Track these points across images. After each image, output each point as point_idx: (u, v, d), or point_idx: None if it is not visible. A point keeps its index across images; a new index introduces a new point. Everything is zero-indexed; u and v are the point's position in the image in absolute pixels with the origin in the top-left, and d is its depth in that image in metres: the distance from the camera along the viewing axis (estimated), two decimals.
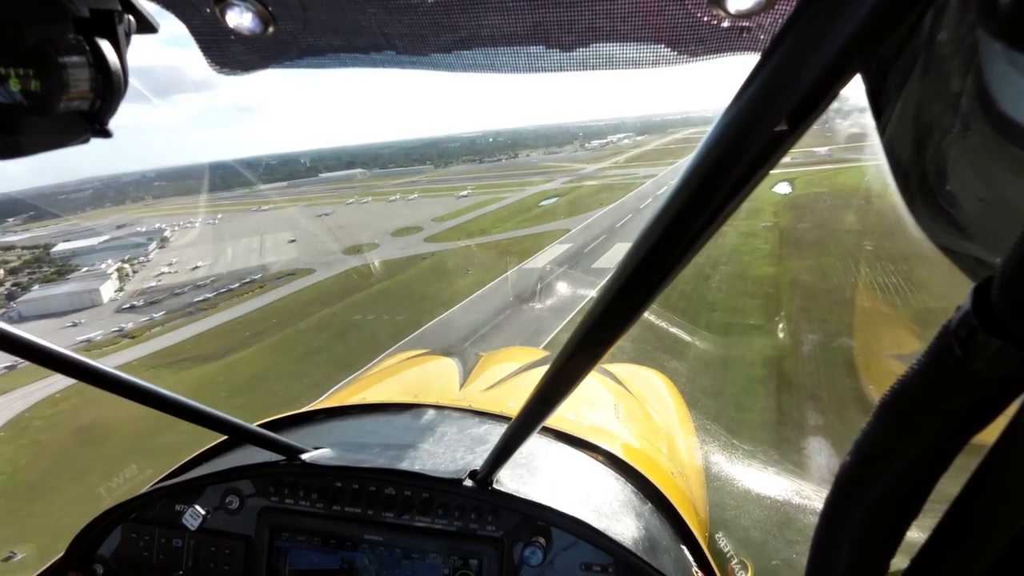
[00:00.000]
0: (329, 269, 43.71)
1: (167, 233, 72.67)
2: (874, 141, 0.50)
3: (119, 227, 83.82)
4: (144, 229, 78.29)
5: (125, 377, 1.04)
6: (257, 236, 62.78)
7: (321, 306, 34.28)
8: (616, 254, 32.22)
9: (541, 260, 35.63)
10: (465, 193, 78.24)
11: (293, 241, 57.70)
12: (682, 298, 22.94)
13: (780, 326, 21.10)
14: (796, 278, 25.74)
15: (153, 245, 65.16)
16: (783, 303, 23.11)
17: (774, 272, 27.00)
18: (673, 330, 17.16)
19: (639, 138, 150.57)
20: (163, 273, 52.67)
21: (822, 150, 61.13)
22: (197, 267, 52.60)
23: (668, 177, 65.65)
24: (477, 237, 48.08)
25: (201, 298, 42.32)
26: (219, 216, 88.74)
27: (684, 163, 0.42)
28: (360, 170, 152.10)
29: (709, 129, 0.38)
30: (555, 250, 37.57)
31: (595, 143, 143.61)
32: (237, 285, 43.61)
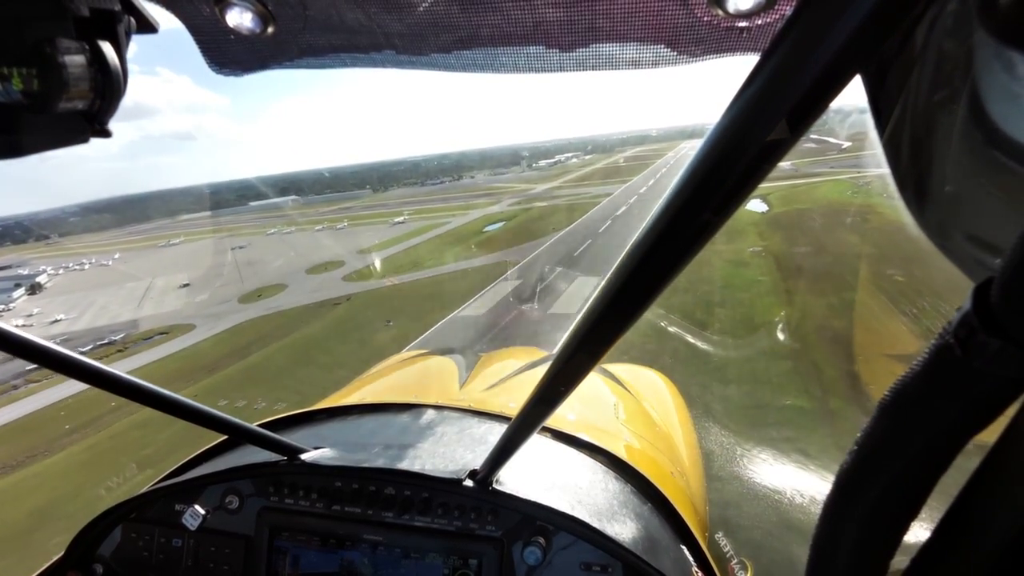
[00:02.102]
0: (214, 324, 34.93)
1: (43, 277, 65.82)
2: (874, 141, 0.51)
3: (1, 269, 76.51)
4: (26, 272, 71.94)
5: (126, 377, 1.07)
6: (148, 279, 52.56)
7: (184, 383, 24.87)
8: (577, 293, 26.47)
9: (482, 305, 28.66)
10: (400, 219, 74.71)
11: (186, 285, 48.34)
12: (676, 359, 16.54)
13: (834, 409, 13.23)
14: (824, 326, 18.18)
15: (20, 292, 58.80)
16: (821, 367, 15.29)
17: (789, 317, 19.43)
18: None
19: (587, 157, 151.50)
20: (15, 327, 41.37)
21: (786, 164, 55.50)
22: (57, 320, 45.57)
23: (624, 195, 59.32)
24: (407, 273, 39.99)
25: (34, 366, 31.57)
26: (117, 255, 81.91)
27: (685, 162, 0.44)
28: (292, 197, 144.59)
29: (709, 129, 0.40)
30: (500, 290, 30.92)
31: (543, 163, 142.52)
32: (90, 347, 33.43)
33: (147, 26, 0.73)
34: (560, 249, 38.97)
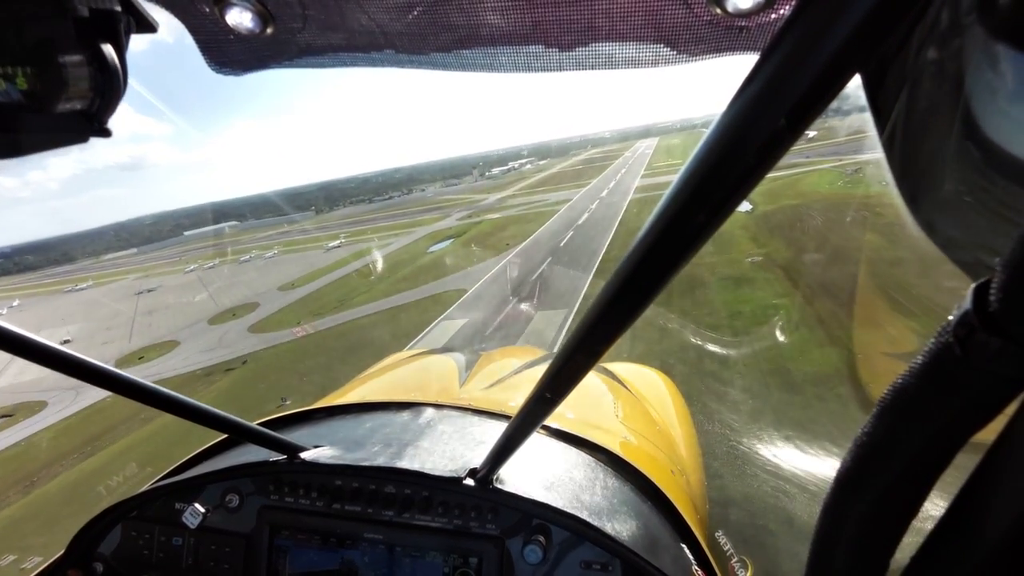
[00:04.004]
0: (70, 403, 26.43)
1: None
2: (873, 141, 0.52)
3: None
4: None
5: (126, 376, 1.10)
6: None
7: None
8: (538, 332, 20.65)
9: None
10: (336, 243, 70.86)
11: (66, 343, 37.92)
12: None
13: None
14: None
15: None
16: None
17: (840, 367, 13.38)
18: None
19: (542, 162, 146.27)
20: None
21: None
22: None
23: (584, 201, 53.62)
24: (328, 315, 32.34)
25: None
26: (16, 302, 76.40)
27: (684, 162, 0.45)
28: (231, 223, 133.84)
29: (708, 128, 0.41)
30: (443, 332, 24.67)
31: (496, 171, 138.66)
32: None
33: (147, 26, 0.74)
34: (513, 272, 32.36)
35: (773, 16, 0.63)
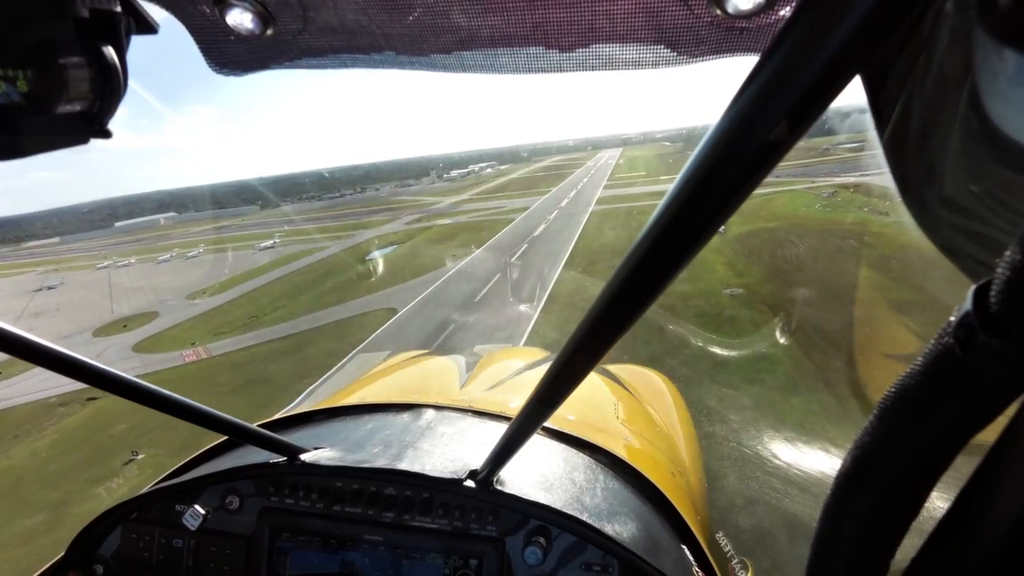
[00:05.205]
0: None
1: None
2: (874, 141, 0.53)
3: None
4: None
5: (126, 378, 1.10)
6: None
7: None
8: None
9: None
10: (268, 243, 67.93)
11: None
12: None
13: None
14: None
15: None
16: None
17: None
18: None
19: (503, 167, 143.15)
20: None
21: None
22: None
23: (542, 211, 53.69)
24: (230, 336, 26.68)
25: None
26: None
27: (684, 163, 0.45)
28: (168, 214, 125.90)
29: (709, 129, 0.42)
30: (360, 366, 18.92)
31: (455, 173, 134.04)
32: None
33: (147, 27, 0.75)
34: (456, 290, 28.23)
35: (773, 17, 0.64)
